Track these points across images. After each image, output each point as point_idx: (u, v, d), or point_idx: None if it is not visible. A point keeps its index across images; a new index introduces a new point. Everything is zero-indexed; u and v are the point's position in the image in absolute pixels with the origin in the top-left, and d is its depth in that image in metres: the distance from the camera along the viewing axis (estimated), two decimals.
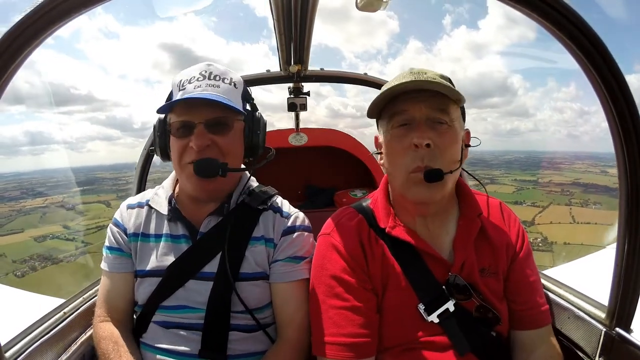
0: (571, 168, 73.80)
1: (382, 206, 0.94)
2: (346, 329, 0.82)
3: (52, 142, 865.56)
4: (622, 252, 0.78)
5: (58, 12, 0.56)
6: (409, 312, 0.86)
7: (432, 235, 0.91)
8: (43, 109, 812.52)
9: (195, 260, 0.94)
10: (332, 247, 0.89)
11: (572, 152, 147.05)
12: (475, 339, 0.85)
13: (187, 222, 0.97)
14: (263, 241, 0.96)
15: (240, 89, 0.96)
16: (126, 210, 1.03)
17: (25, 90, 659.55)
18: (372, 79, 1.82)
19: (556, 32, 0.67)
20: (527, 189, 59.94)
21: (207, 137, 0.88)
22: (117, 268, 0.98)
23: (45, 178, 72.65)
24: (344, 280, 0.85)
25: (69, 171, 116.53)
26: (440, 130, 0.82)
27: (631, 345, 0.80)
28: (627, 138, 0.71)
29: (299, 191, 3.07)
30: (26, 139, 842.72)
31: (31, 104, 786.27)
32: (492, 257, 0.91)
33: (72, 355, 0.96)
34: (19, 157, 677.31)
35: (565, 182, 66.56)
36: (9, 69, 0.56)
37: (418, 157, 0.81)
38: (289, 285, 0.96)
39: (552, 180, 68.52)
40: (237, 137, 0.93)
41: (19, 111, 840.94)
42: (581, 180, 65.85)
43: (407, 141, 0.82)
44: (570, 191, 62.00)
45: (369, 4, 0.86)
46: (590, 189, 61.59)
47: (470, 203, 0.94)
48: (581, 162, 76.36)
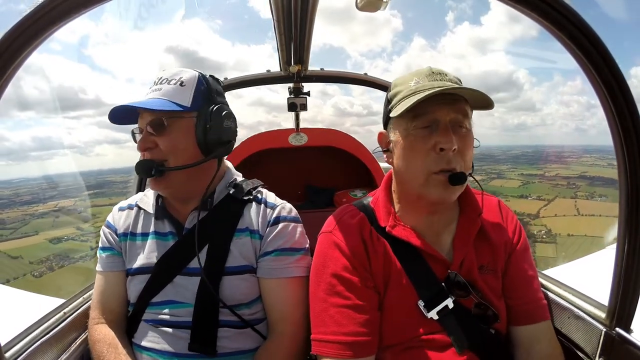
0: (579, 161, 74.03)
1: (383, 205, 0.94)
2: (347, 327, 0.82)
3: (61, 147, 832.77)
4: (622, 252, 0.78)
5: (58, 12, 0.56)
6: (409, 310, 0.86)
7: (434, 234, 0.91)
8: (52, 115, 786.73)
9: (181, 256, 0.95)
10: (334, 244, 0.89)
11: (580, 146, 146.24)
12: (474, 336, 0.85)
13: (173, 219, 0.99)
14: (248, 232, 0.97)
15: (191, 86, 0.94)
16: (117, 212, 1.06)
17: (35, 96, 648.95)
18: (372, 79, 1.82)
19: (556, 32, 0.67)
20: (533, 182, 60.61)
21: (148, 140, 0.92)
22: (109, 267, 1.00)
23: (55, 183, 74.09)
24: (345, 278, 0.85)
25: (78, 175, 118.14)
26: (461, 134, 0.83)
27: (631, 345, 0.80)
28: (627, 138, 0.71)
29: (299, 191, 3.07)
30: (35, 144, 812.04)
31: (40, 110, 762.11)
32: (490, 255, 0.92)
33: (72, 355, 0.96)
34: (29, 162, 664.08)
35: (571, 176, 66.51)
36: (9, 69, 0.56)
37: (443, 160, 0.81)
38: (281, 282, 0.95)
39: (558, 173, 68.62)
40: (179, 135, 0.92)
41: (28, 117, 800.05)
42: (588, 174, 65.76)
43: (431, 143, 0.82)
44: (577, 184, 62.08)
45: (368, 4, 0.86)
46: (597, 182, 61.49)
47: (471, 202, 0.94)
48: (589, 156, 76.68)
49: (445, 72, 0.86)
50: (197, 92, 0.95)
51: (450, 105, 0.82)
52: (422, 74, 0.86)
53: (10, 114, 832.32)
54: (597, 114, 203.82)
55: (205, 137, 0.93)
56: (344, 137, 2.82)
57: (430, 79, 0.84)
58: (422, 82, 0.84)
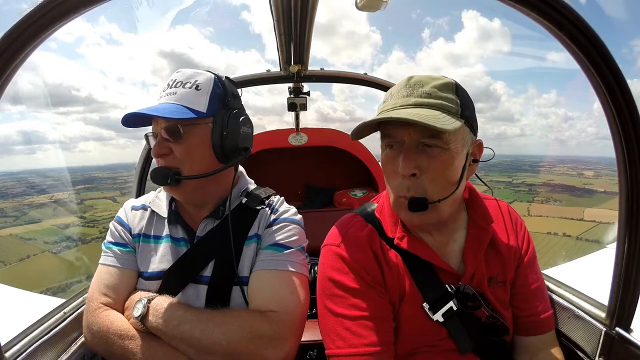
0: (550, 171, 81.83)
1: (389, 214, 0.91)
2: (368, 338, 0.78)
3: (45, 141, 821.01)
4: (622, 252, 0.78)
5: (58, 12, 0.56)
6: (417, 316, 0.84)
7: (438, 245, 0.88)
8: (41, 109, 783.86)
9: (193, 264, 0.93)
10: (343, 258, 0.85)
11: (558, 157, 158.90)
12: (478, 340, 0.84)
13: (186, 226, 0.98)
14: (255, 238, 0.95)
15: (207, 90, 0.92)
16: (130, 210, 1.03)
17: (27, 91, 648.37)
18: (372, 79, 1.82)
19: (556, 32, 0.67)
20: (498, 188, 66.08)
21: (163, 146, 0.89)
22: (127, 264, 0.95)
23: (40, 177, 77.40)
24: (358, 290, 0.82)
25: (64, 171, 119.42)
26: (432, 154, 0.76)
27: (631, 345, 0.80)
28: (627, 138, 0.71)
29: (299, 191, 3.07)
30: (20, 138, 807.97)
31: (31, 105, 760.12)
32: (500, 266, 0.89)
33: (72, 355, 0.96)
34: (12, 157, 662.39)
35: (536, 183, 75.36)
36: (9, 69, 0.56)
37: (404, 186, 0.79)
38: (269, 273, 0.89)
39: (524, 181, 76.93)
40: (195, 141, 0.90)
41: (18, 110, 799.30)
42: (553, 182, 74.99)
43: (396, 165, 0.78)
44: (537, 190, 70.75)
45: (368, 4, 0.86)
46: (558, 189, 70.80)
47: (481, 210, 0.90)
48: (562, 165, 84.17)
49: (423, 82, 0.78)
50: (212, 96, 0.92)
51: (411, 125, 0.75)
52: (400, 86, 0.81)
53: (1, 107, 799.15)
54: (575, 125, 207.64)
55: (222, 144, 0.91)
56: (344, 137, 2.82)
57: (401, 95, 0.79)
58: (392, 98, 0.80)
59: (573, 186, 71.50)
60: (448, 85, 0.79)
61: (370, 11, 0.89)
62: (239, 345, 0.80)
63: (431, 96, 0.77)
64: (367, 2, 0.85)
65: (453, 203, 0.84)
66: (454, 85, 0.80)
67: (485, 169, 0.94)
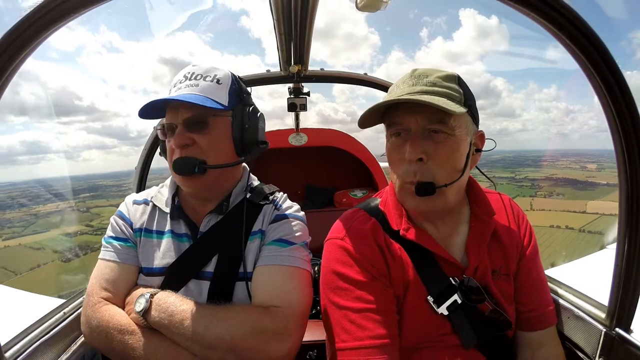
0: (553, 165, 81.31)
1: (394, 206, 0.91)
2: (374, 331, 0.79)
3: (48, 151, 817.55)
4: (622, 252, 0.78)
5: (58, 12, 0.56)
6: (421, 309, 0.85)
7: (444, 236, 0.89)
8: (44, 120, 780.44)
9: (196, 260, 0.93)
10: (348, 251, 0.86)
11: (561, 150, 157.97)
12: (482, 335, 0.85)
13: (188, 220, 0.97)
14: (259, 234, 0.95)
15: (227, 84, 0.94)
16: (132, 205, 1.02)
17: (30, 102, 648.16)
18: (372, 79, 1.82)
19: (556, 32, 0.67)
20: (500, 184, 67.38)
21: (186, 136, 0.89)
22: (128, 259, 0.94)
23: (48, 186, 77.92)
24: (363, 283, 0.82)
25: (67, 179, 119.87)
26: (438, 139, 0.79)
27: (631, 345, 0.80)
28: (627, 138, 0.71)
29: (299, 191, 3.07)
30: (24, 148, 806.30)
31: (34, 115, 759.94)
32: (503, 258, 0.90)
33: (72, 355, 0.96)
34: (16, 167, 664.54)
35: (538, 178, 75.14)
36: (8, 70, 0.56)
37: (411, 171, 0.80)
38: (273, 268, 0.89)
39: (527, 176, 76.72)
40: (219, 133, 0.92)
41: (21, 122, 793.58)
42: (555, 176, 74.97)
43: (403, 152, 0.80)
44: (540, 185, 71.09)
45: (368, 4, 0.86)
46: (560, 183, 71.23)
47: (483, 204, 0.91)
48: (565, 159, 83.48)
49: (427, 73, 0.81)
50: (231, 91, 0.94)
51: (420, 112, 0.78)
52: (404, 78, 0.83)
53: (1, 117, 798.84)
54: (577, 118, 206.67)
55: (242, 137, 0.93)
56: (344, 137, 2.83)
57: (406, 84, 0.81)
58: (398, 88, 0.82)
59: (576, 179, 71.75)
60: (451, 76, 0.81)
61: (371, 11, 0.89)
62: (243, 340, 0.79)
63: (436, 85, 0.79)
64: (368, 2, 0.85)
65: (458, 191, 0.85)
66: (457, 78, 0.82)
67: (488, 165, 0.95)
